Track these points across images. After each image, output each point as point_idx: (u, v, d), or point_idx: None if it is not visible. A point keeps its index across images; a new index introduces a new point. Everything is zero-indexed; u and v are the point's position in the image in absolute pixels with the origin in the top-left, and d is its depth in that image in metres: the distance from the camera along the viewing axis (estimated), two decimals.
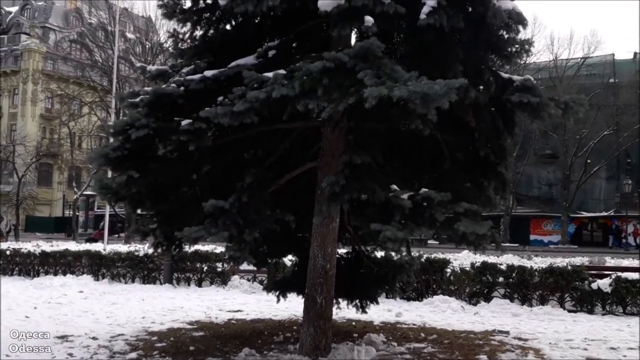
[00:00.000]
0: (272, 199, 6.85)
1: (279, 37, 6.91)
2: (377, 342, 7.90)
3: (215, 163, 7.41)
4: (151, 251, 14.46)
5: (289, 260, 10.61)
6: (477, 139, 7.11)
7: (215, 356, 7.25)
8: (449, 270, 12.38)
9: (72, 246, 18.92)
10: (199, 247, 14.40)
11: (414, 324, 9.67)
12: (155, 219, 7.46)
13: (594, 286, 11.25)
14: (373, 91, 5.07)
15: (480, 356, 7.31)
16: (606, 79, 41.14)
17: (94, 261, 15.95)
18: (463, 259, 14.18)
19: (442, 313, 10.95)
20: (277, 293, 8.95)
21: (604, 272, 12.11)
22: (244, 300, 12.32)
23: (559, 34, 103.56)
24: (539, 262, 14.11)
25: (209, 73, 6.46)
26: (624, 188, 39.82)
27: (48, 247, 18.21)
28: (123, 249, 17.19)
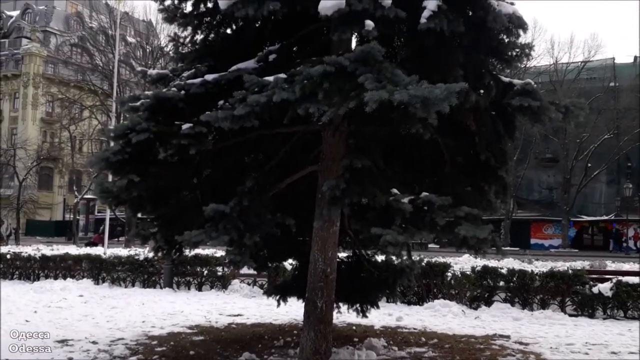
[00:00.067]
0: (272, 202, 6.85)
1: (279, 41, 6.92)
2: (378, 347, 7.89)
3: (216, 167, 7.41)
4: (151, 255, 14.48)
5: (289, 264, 10.61)
6: (478, 142, 7.12)
7: None
8: (449, 274, 12.37)
9: (73, 250, 18.91)
10: (199, 251, 14.40)
11: (414, 328, 9.66)
12: (156, 223, 7.45)
13: (594, 290, 11.24)
14: (373, 95, 5.08)
15: None
16: (606, 82, 41.16)
17: (94, 265, 15.95)
18: (464, 262, 14.13)
19: (443, 317, 10.93)
20: (277, 297, 8.94)
21: (604, 276, 12.11)
22: (244, 304, 12.30)
23: (559, 37, 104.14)
24: (540, 266, 14.07)
25: (209, 77, 6.47)
26: (624, 192, 39.83)
27: (48, 251, 18.15)
28: (123, 252, 17.15)
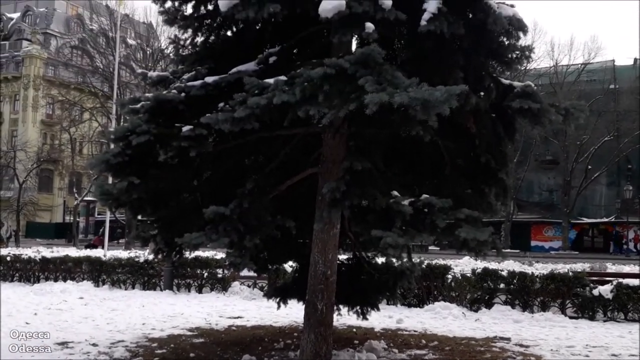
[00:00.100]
0: (272, 205, 6.84)
1: (279, 44, 6.92)
2: (378, 349, 7.88)
3: (216, 169, 7.41)
4: (151, 257, 14.46)
5: (289, 266, 10.59)
6: (478, 145, 7.12)
7: None
8: (450, 277, 12.36)
9: (73, 252, 18.90)
10: (200, 253, 14.35)
11: (415, 331, 9.65)
12: (156, 225, 7.45)
13: (595, 292, 11.23)
14: (374, 97, 5.08)
15: None
16: (606, 85, 41.21)
17: (95, 267, 15.92)
18: (464, 265, 14.13)
19: (443, 319, 10.92)
20: (277, 299, 8.94)
21: (605, 279, 12.09)
22: (245, 306, 12.29)
23: (559, 40, 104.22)
24: (540, 268, 14.08)
25: (209, 79, 6.47)
26: (624, 194, 39.82)
27: (48, 253, 18.12)
28: (123, 255, 17.14)
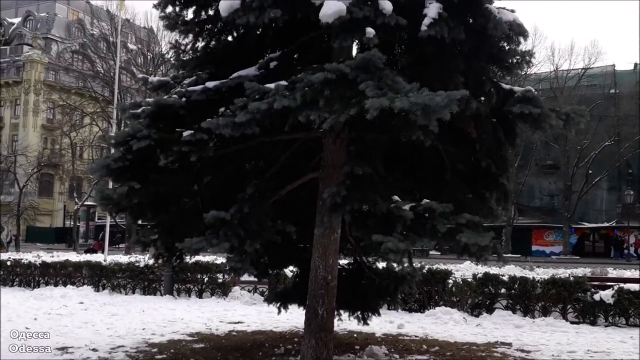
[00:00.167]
0: (273, 209, 6.84)
1: (280, 49, 6.94)
2: (379, 354, 7.86)
3: (217, 174, 7.41)
4: (152, 262, 14.44)
5: (290, 271, 10.58)
6: (479, 150, 7.12)
7: None
8: (450, 282, 12.34)
9: (73, 257, 18.88)
10: (200, 258, 14.37)
11: (416, 336, 9.62)
12: (156, 230, 7.44)
13: (596, 297, 11.21)
14: (374, 102, 5.08)
15: None
16: (607, 89, 41.22)
17: (95, 272, 15.90)
18: (465, 270, 14.11)
19: (444, 325, 10.90)
20: (278, 304, 8.91)
21: (606, 283, 12.06)
22: (245, 311, 12.26)
23: (559, 44, 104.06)
24: (541, 273, 14.04)
25: (210, 84, 6.48)
26: (625, 199, 39.80)
27: (49, 257, 18.12)
28: (124, 259, 17.12)
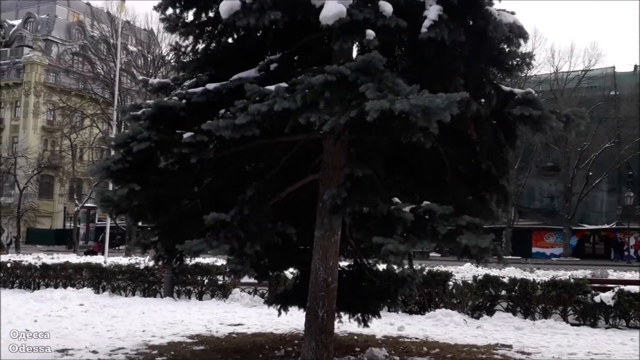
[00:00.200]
0: (273, 211, 6.84)
1: (280, 51, 6.94)
2: (380, 356, 7.84)
3: (217, 176, 7.41)
4: (152, 264, 14.44)
5: (290, 273, 10.56)
6: (479, 151, 7.12)
7: None
8: (451, 283, 12.32)
9: (73, 259, 18.87)
10: (200, 259, 14.34)
11: (416, 338, 9.61)
12: (156, 232, 7.44)
13: (596, 299, 11.18)
14: (375, 104, 5.08)
15: None
16: (607, 91, 41.21)
17: (95, 274, 15.88)
18: (465, 271, 14.09)
19: (445, 327, 10.88)
20: (278, 306, 8.91)
21: (606, 285, 12.05)
22: (245, 313, 12.25)
23: (559, 46, 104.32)
24: (542, 275, 14.02)
25: (210, 86, 6.48)
26: (625, 200, 39.76)
27: (49, 259, 18.10)
28: (124, 261, 17.11)
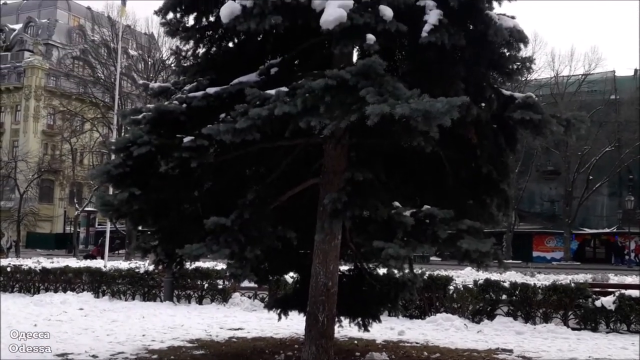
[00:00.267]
0: (273, 215, 6.83)
1: (281, 55, 6.95)
2: None
3: (217, 180, 7.40)
4: (152, 268, 14.41)
5: (290, 277, 10.55)
6: (479, 156, 7.11)
7: None
8: (451, 288, 12.30)
9: (73, 263, 18.85)
10: (200, 264, 14.31)
11: (416, 343, 9.58)
12: (157, 236, 7.43)
13: (597, 304, 11.16)
14: (375, 109, 5.08)
15: None
16: (607, 95, 41.25)
17: (95, 278, 15.86)
18: (466, 276, 14.08)
19: (445, 331, 10.85)
20: (278, 311, 8.89)
21: (607, 290, 12.02)
22: (245, 318, 12.22)
23: (559, 50, 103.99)
24: (542, 279, 14.02)
25: (211, 90, 6.49)
26: (626, 204, 39.75)
27: (49, 263, 18.09)
28: (124, 265, 17.10)
